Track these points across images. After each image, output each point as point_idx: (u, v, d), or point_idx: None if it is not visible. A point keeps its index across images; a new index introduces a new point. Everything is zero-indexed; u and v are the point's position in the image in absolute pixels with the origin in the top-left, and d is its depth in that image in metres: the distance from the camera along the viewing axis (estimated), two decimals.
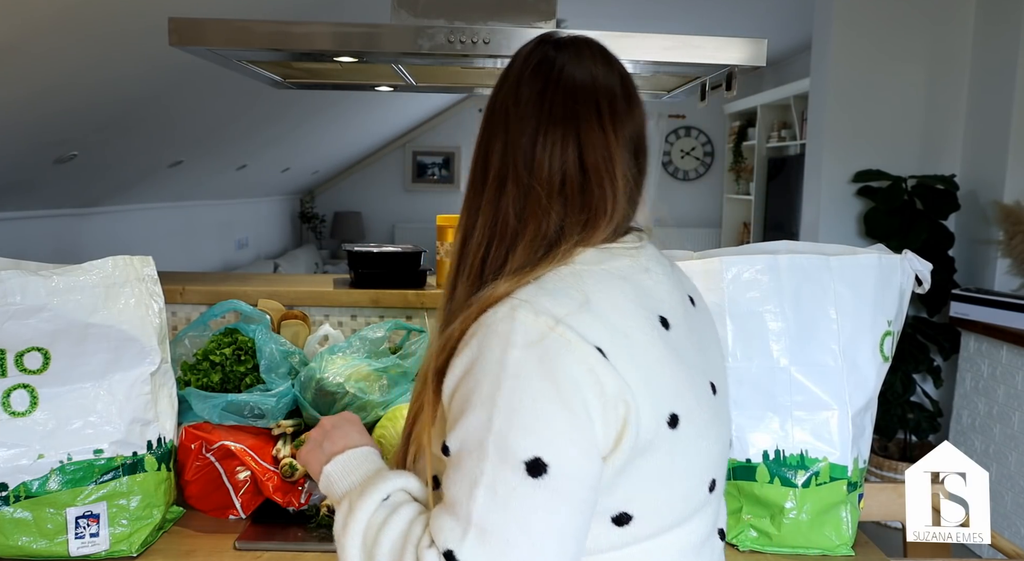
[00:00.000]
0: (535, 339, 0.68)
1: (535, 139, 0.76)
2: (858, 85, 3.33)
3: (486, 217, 0.77)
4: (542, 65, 0.79)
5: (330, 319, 1.68)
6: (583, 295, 0.73)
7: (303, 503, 1.28)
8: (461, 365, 0.71)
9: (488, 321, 0.71)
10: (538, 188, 0.75)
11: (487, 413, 0.68)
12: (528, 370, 0.68)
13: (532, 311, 0.70)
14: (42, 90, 2.35)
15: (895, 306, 1.24)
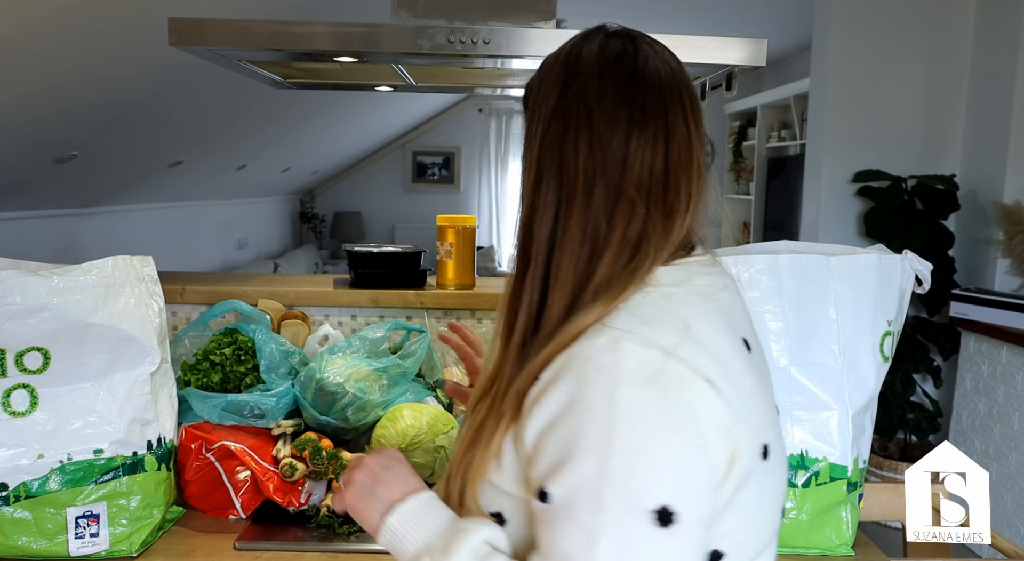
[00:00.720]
0: (647, 375, 0.62)
1: (627, 136, 0.69)
2: (858, 85, 3.33)
3: (579, 223, 0.69)
4: (623, 57, 0.72)
5: (330, 319, 1.68)
6: (682, 322, 0.67)
7: (303, 503, 1.28)
8: (555, 402, 0.64)
9: (586, 353, 0.64)
10: (630, 189, 0.69)
11: (602, 459, 0.60)
12: (645, 410, 0.61)
13: (638, 343, 0.63)
14: (42, 90, 2.35)
15: (895, 306, 1.24)
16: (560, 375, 0.64)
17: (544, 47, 1.29)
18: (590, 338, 0.65)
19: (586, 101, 0.70)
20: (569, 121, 0.71)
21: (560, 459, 0.62)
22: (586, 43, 0.74)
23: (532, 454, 0.65)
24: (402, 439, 1.34)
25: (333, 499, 1.01)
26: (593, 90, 0.71)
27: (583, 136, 0.70)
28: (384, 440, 1.34)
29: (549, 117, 0.72)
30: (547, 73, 0.74)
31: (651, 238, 0.70)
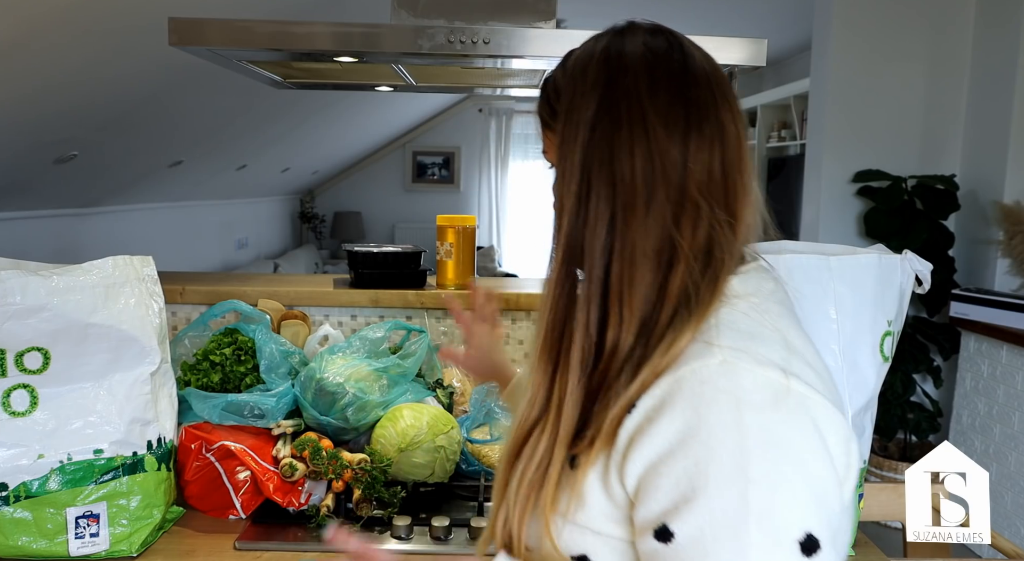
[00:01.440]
0: (772, 396, 0.58)
1: (686, 136, 0.65)
2: (858, 85, 3.34)
3: (641, 233, 0.63)
4: (671, 53, 0.67)
5: (330, 319, 1.68)
6: (780, 335, 0.63)
7: (303, 503, 1.28)
8: (668, 432, 0.58)
9: (700, 376, 0.58)
10: (693, 193, 0.64)
11: (740, 490, 0.55)
12: (778, 434, 0.57)
13: (754, 362, 0.59)
14: (42, 90, 2.35)
15: (895, 306, 1.24)
16: (669, 401, 0.59)
17: (544, 47, 1.29)
18: (698, 359, 0.59)
19: (638, 100, 0.65)
20: (620, 123, 0.65)
21: (686, 494, 0.57)
22: (626, 40, 0.69)
23: (638, 490, 0.60)
24: (402, 439, 1.34)
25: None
26: (645, 88, 0.65)
27: (638, 138, 0.64)
28: (384, 440, 1.34)
29: (592, 120, 0.66)
30: (581, 72, 0.68)
31: (721, 243, 0.65)
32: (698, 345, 0.61)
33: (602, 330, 0.65)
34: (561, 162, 0.67)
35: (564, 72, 0.71)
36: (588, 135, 0.66)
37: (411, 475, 1.35)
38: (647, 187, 0.64)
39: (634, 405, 0.61)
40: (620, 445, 0.61)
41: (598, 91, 0.66)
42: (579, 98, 0.67)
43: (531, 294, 1.69)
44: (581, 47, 0.72)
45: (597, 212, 0.65)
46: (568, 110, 0.68)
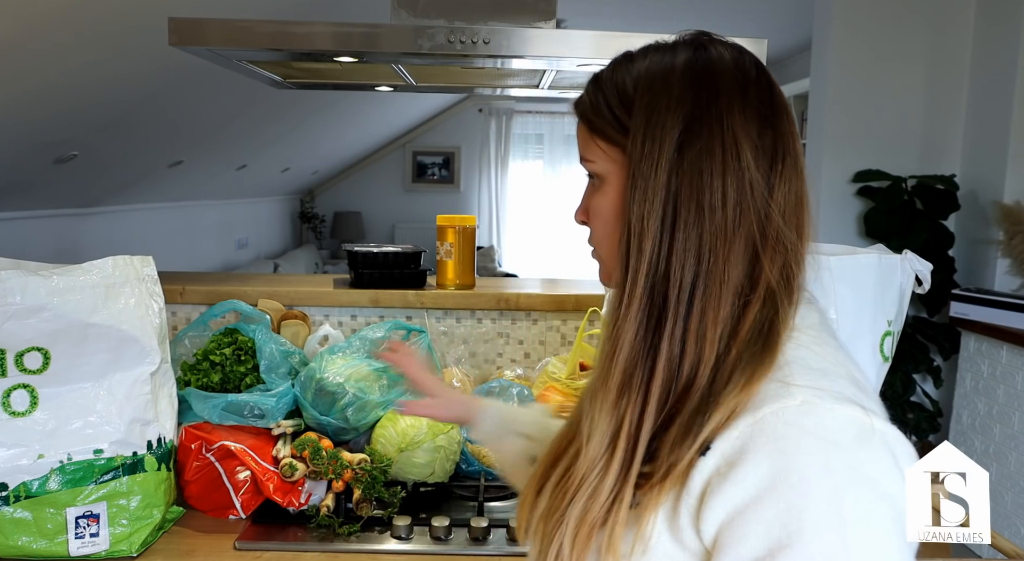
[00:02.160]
0: (855, 435, 0.57)
1: (772, 170, 0.63)
2: (858, 85, 3.34)
3: (729, 266, 0.62)
4: (759, 79, 0.65)
5: (330, 319, 1.68)
6: (846, 369, 0.62)
7: (303, 503, 1.28)
8: (752, 477, 0.56)
9: (784, 418, 0.57)
10: (777, 227, 0.63)
11: (839, 534, 0.54)
12: (868, 472, 0.56)
13: (833, 400, 0.57)
14: (42, 90, 2.35)
15: (895, 306, 1.24)
16: (752, 445, 0.57)
17: (544, 47, 1.29)
18: (777, 400, 0.57)
19: (731, 125, 0.62)
20: (712, 148, 0.62)
21: (781, 540, 0.55)
22: (710, 55, 0.66)
23: (719, 538, 0.58)
24: (402, 439, 1.34)
25: None
26: (738, 113, 0.63)
27: (730, 165, 0.62)
28: (384, 440, 1.34)
29: (681, 141, 0.62)
30: (663, 85, 0.64)
31: (795, 277, 0.64)
32: (774, 385, 0.59)
33: (680, 368, 0.62)
34: (640, 182, 0.63)
35: (634, 78, 0.66)
36: (676, 156, 0.62)
37: (411, 475, 1.35)
38: (736, 218, 0.62)
39: (709, 447, 0.58)
40: (694, 489, 0.59)
41: (686, 108, 0.63)
42: (663, 114, 0.63)
43: (531, 294, 1.69)
44: (650, 54, 0.67)
45: (686, 241, 0.62)
46: (649, 125, 0.63)
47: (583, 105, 0.70)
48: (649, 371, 0.62)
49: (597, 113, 0.68)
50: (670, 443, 0.60)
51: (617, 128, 0.66)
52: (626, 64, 0.68)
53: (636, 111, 0.65)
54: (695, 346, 0.61)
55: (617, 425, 0.63)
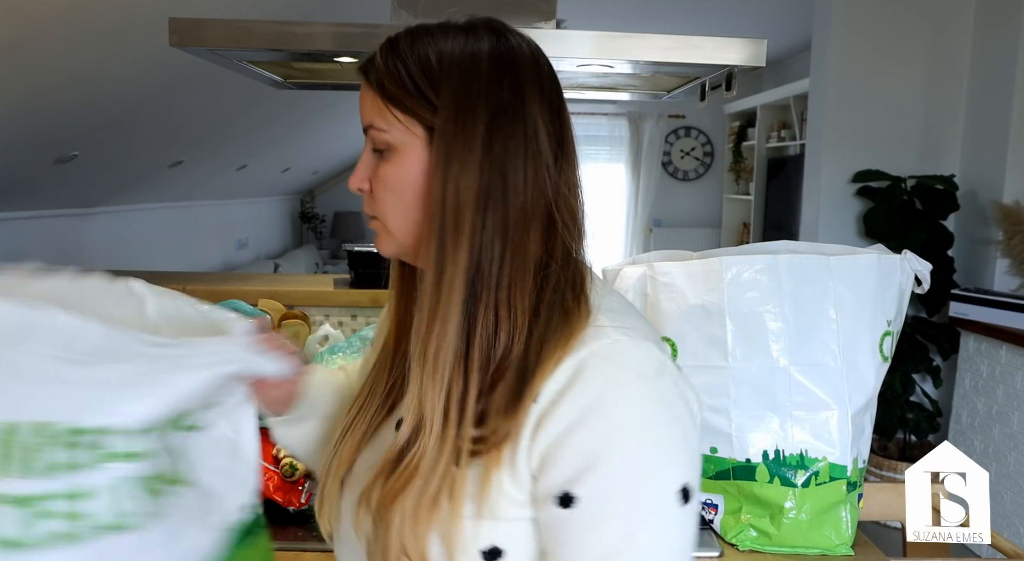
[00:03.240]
0: (656, 367, 0.64)
1: (559, 156, 0.69)
2: (858, 85, 3.34)
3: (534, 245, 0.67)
4: (550, 67, 0.73)
5: (330, 319, 1.68)
6: (641, 317, 0.72)
7: (303, 503, 1.28)
8: (573, 408, 0.62)
9: (601, 354, 0.63)
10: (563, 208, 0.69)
11: (642, 451, 0.62)
12: (666, 400, 0.64)
13: (639, 338, 0.65)
14: (43, 90, 2.35)
15: (895, 306, 1.24)
16: (574, 381, 0.63)
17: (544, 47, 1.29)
18: (594, 341, 0.64)
19: (532, 112, 0.67)
20: (519, 132, 0.66)
21: (590, 460, 0.61)
22: (512, 42, 0.71)
23: (541, 466, 0.63)
24: None
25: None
26: (537, 102, 0.67)
27: (531, 151, 0.66)
28: None
29: (492, 123, 0.65)
30: (472, 65, 0.67)
31: (578, 252, 0.70)
32: (590, 330, 0.65)
33: (496, 337, 0.65)
34: (452, 162, 0.65)
35: (442, 58, 0.67)
36: (487, 140, 0.65)
37: None
38: (535, 197, 0.66)
39: (538, 395, 0.63)
40: (526, 434, 0.63)
41: (495, 94, 0.66)
42: (475, 99, 0.65)
43: None
44: (452, 35, 0.69)
45: (495, 219, 0.65)
46: (460, 108, 0.65)
47: (378, 72, 0.69)
48: (468, 343, 0.65)
49: (397, 83, 0.68)
50: (500, 409, 0.64)
51: (423, 103, 0.66)
52: (427, 38, 0.69)
53: (445, 89, 0.66)
54: (508, 316, 0.65)
55: (446, 399, 0.65)
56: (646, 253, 1.40)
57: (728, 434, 1.19)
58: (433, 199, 0.66)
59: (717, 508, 1.23)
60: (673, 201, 7.28)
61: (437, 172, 0.66)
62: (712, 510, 1.23)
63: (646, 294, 1.25)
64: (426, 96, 0.66)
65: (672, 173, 7.30)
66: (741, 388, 1.18)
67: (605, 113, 7.20)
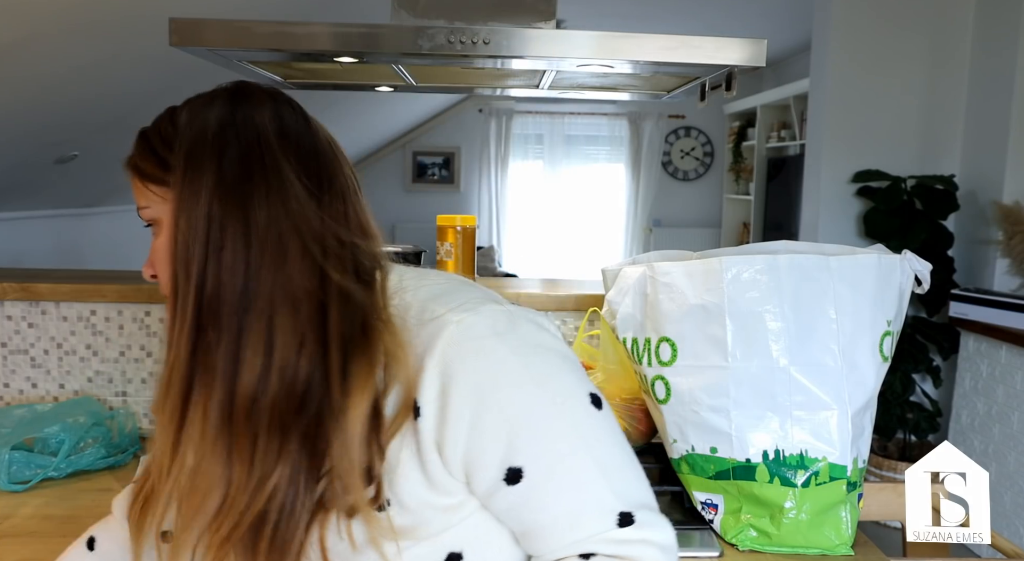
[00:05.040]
0: (507, 320, 0.68)
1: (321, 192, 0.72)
2: (858, 85, 3.34)
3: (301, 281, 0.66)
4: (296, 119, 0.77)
5: None
6: (453, 283, 0.75)
7: None
8: (465, 403, 0.64)
9: (453, 344, 0.65)
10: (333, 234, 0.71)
11: (539, 395, 0.66)
12: (531, 341, 0.68)
13: (476, 304, 0.68)
14: (43, 90, 2.35)
15: (895, 306, 1.24)
16: (447, 380, 0.64)
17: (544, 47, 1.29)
18: (440, 334, 0.65)
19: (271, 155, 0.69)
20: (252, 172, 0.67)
21: (509, 431, 0.64)
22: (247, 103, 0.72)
23: (468, 465, 0.66)
24: None
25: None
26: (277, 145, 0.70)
27: (273, 187, 0.67)
28: None
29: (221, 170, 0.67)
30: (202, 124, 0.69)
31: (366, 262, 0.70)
32: (429, 327, 0.66)
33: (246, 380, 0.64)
34: (184, 213, 0.66)
35: (175, 126, 0.70)
36: (217, 185, 0.65)
37: None
38: (284, 234, 0.65)
39: (418, 407, 0.65)
40: (428, 445, 0.65)
41: (228, 144, 0.67)
42: (204, 149, 0.67)
43: (531, 294, 1.69)
44: (190, 108, 0.72)
45: (233, 261, 0.64)
46: (190, 160, 0.67)
47: (132, 158, 0.75)
48: (207, 388, 0.64)
49: (143, 158, 0.73)
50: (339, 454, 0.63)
51: (163, 168, 0.70)
52: (168, 116, 0.73)
53: (178, 149, 0.69)
54: (259, 357, 0.63)
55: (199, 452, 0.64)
56: (646, 253, 1.40)
57: (728, 434, 1.19)
58: (173, 246, 0.67)
59: (717, 508, 1.23)
60: (673, 201, 7.29)
61: (172, 222, 0.67)
62: (712, 510, 1.23)
63: (646, 294, 1.25)
64: (166, 160, 0.70)
65: (672, 173, 7.31)
66: (741, 388, 1.18)
67: (605, 113, 7.21)
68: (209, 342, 0.64)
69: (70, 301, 1.65)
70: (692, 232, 7.17)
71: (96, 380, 1.68)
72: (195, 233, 0.65)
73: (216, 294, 0.64)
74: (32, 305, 1.66)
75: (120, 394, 1.68)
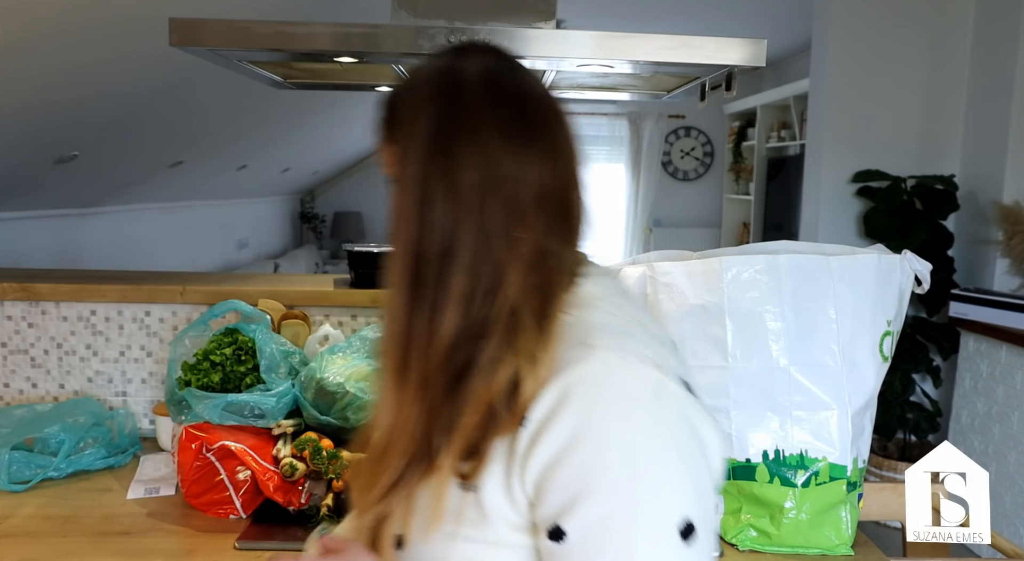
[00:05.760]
0: (653, 391, 0.61)
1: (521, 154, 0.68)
2: (858, 85, 3.34)
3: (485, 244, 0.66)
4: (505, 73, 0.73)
5: (330, 319, 1.68)
6: (644, 329, 0.68)
7: (303, 503, 1.28)
8: (558, 436, 0.60)
9: (584, 379, 0.61)
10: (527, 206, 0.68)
11: (630, 484, 0.59)
12: (661, 426, 0.61)
13: (634, 358, 0.62)
14: (43, 90, 2.35)
15: (894, 306, 1.24)
16: (561, 405, 0.61)
17: (544, 47, 1.29)
18: (581, 362, 0.62)
19: (474, 114, 0.68)
20: (456, 134, 0.67)
21: (577, 492, 0.59)
22: (465, 59, 0.72)
23: (537, 495, 0.62)
24: None
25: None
26: (482, 103, 0.68)
27: (474, 149, 0.67)
28: None
29: (431, 130, 0.68)
30: (420, 86, 0.71)
31: (554, 253, 0.68)
32: (578, 349, 0.63)
33: (435, 335, 0.65)
34: (401, 172, 0.69)
35: (402, 88, 0.74)
36: (426, 144, 0.67)
37: None
38: (482, 196, 0.66)
39: (525, 418, 0.62)
40: (518, 458, 0.62)
41: (437, 102, 0.68)
42: (418, 109, 0.69)
43: None
44: (420, 65, 0.74)
45: (434, 219, 0.66)
46: (407, 121, 0.70)
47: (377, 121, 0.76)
48: (409, 339, 0.66)
49: (379, 118, 0.75)
50: (462, 415, 0.64)
51: (391, 130, 0.73)
52: (404, 79, 0.76)
53: (400, 112, 0.71)
54: (452, 317, 0.65)
55: (397, 398, 0.67)
56: (646, 253, 1.40)
57: (728, 434, 1.19)
58: (391, 202, 0.70)
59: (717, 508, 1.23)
60: (673, 201, 7.28)
61: (395, 178, 0.70)
62: None
63: (646, 294, 1.25)
64: (390, 121, 0.73)
65: (672, 173, 7.30)
66: (741, 388, 1.18)
67: (605, 113, 7.20)
68: (417, 297, 0.66)
69: (70, 301, 1.66)
70: (692, 232, 7.17)
71: (96, 380, 1.68)
72: (408, 191, 0.67)
73: (419, 250, 0.66)
74: (32, 305, 1.66)
75: (120, 394, 1.68)
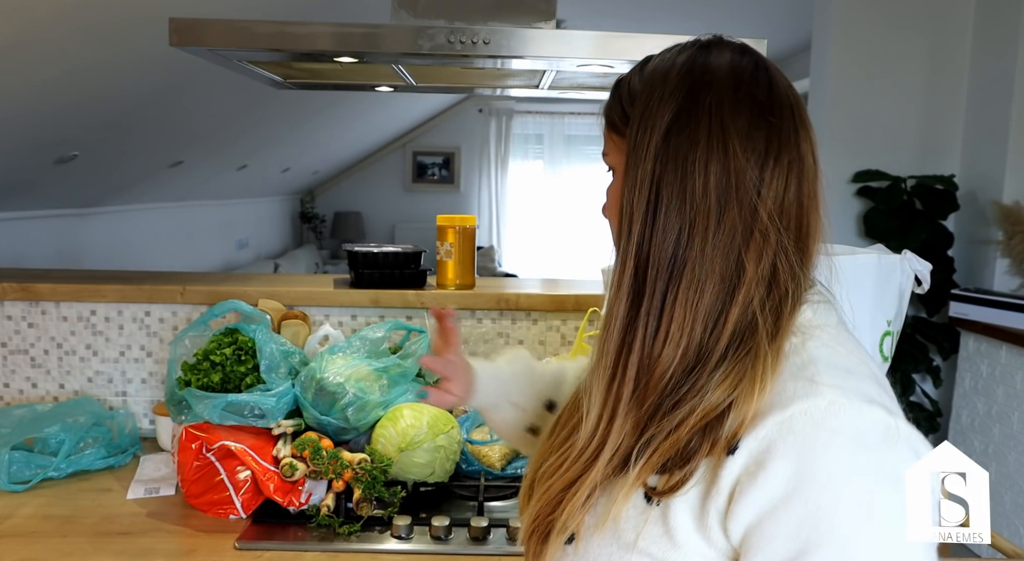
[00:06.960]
0: (882, 435, 0.57)
1: (763, 165, 0.64)
2: (858, 85, 3.34)
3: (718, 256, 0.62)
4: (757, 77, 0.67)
5: (330, 319, 1.68)
6: (868, 369, 0.63)
7: (303, 503, 1.28)
8: (779, 478, 0.56)
9: (810, 418, 0.56)
10: (766, 220, 0.63)
11: (867, 532, 0.55)
12: (896, 473, 0.57)
13: (861, 400, 0.58)
14: (43, 89, 2.35)
15: (894, 306, 1.24)
16: (780, 444, 0.56)
17: (544, 47, 1.29)
18: (805, 399, 0.57)
19: (719, 116, 0.63)
20: (697, 135, 0.63)
21: (811, 540, 0.55)
22: (712, 54, 0.67)
23: (747, 538, 0.58)
24: (402, 439, 1.34)
25: None
26: (727, 106, 0.63)
27: (716, 154, 0.62)
28: (384, 440, 1.35)
29: (669, 128, 0.64)
30: (661, 79, 0.66)
31: (788, 273, 0.64)
32: (801, 383, 0.59)
33: (656, 347, 0.63)
34: (631, 168, 0.65)
35: (642, 76, 0.69)
36: (663, 143, 0.64)
37: (411, 475, 1.35)
38: (719, 205, 0.62)
39: (737, 446, 0.58)
40: (723, 488, 0.58)
41: (677, 100, 0.64)
42: (656, 104, 0.65)
43: (531, 294, 1.69)
44: (661, 55, 0.70)
45: (666, 224, 0.63)
46: (643, 115, 0.65)
47: (605, 105, 0.73)
48: (628, 347, 0.64)
49: (611, 108, 0.72)
50: (664, 432, 0.61)
51: (623, 120, 0.69)
52: (642, 64, 0.71)
53: (637, 103, 0.67)
54: (674, 328, 0.62)
55: (604, 399, 0.65)
56: None
57: None
58: (620, 198, 0.67)
59: None
60: None
61: (623, 173, 0.67)
62: None
63: None
64: (626, 112, 0.69)
65: None
66: None
67: None
68: (640, 306, 0.64)
69: (70, 301, 1.66)
70: None
71: (96, 380, 1.68)
72: (639, 191, 0.64)
73: (648, 255, 0.64)
74: (32, 305, 1.66)
75: (120, 394, 1.68)
